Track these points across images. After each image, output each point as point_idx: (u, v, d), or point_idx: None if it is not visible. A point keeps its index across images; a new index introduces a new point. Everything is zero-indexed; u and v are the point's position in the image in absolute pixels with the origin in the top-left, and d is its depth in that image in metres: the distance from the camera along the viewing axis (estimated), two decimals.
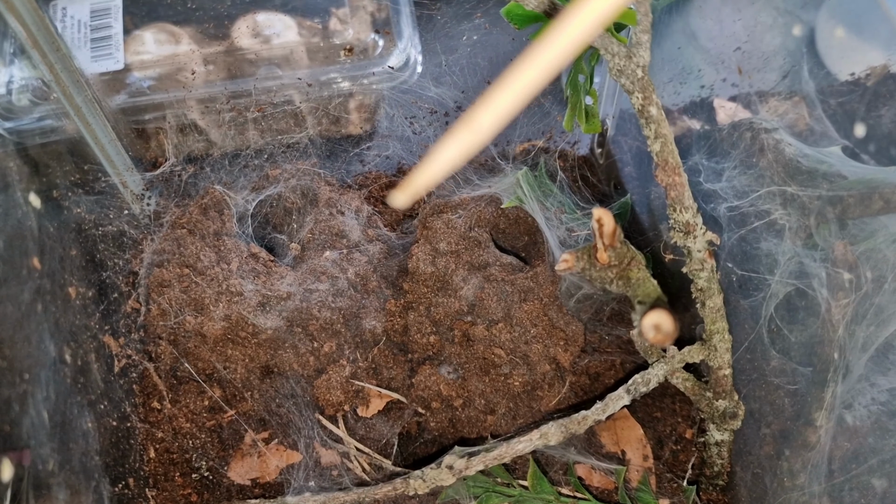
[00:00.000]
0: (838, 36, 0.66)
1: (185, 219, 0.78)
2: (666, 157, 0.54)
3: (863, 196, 0.55)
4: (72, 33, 0.83)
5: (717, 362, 0.61)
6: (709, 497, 0.72)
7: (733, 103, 0.73)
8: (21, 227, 0.61)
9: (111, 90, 0.82)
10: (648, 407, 0.76)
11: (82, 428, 0.63)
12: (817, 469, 0.58)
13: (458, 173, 0.81)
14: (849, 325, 0.55)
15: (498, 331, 0.72)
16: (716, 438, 0.68)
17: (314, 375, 0.73)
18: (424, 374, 0.72)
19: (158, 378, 0.73)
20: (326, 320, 0.73)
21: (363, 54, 0.84)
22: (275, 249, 0.82)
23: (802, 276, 0.59)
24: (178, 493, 0.71)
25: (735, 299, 0.66)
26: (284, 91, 0.83)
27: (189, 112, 0.83)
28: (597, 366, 0.75)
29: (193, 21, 0.86)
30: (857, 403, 0.57)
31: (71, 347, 0.64)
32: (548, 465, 0.71)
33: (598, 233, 0.54)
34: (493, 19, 0.84)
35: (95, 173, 0.77)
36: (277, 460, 0.72)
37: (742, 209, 0.64)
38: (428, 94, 0.83)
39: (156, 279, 0.74)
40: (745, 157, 0.66)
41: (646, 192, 0.83)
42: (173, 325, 0.72)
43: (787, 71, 0.68)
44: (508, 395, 0.72)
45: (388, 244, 0.80)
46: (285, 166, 0.83)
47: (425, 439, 0.75)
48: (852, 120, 0.62)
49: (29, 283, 0.59)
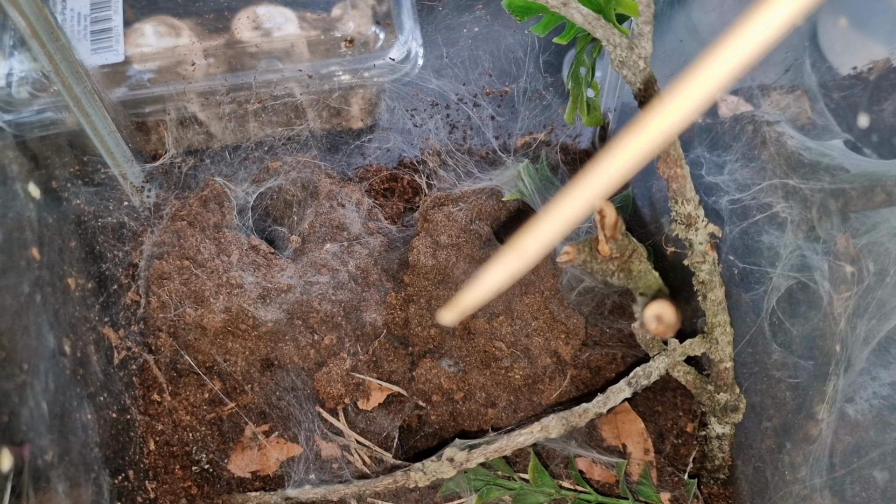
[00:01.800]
0: (840, 29, 0.66)
1: (185, 211, 0.78)
2: (668, 149, 0.54)
3: (865, 189, 0.55)
4: (72, 25, 0.83)
5: (718, 355, 0.61)
6: (710, 491, 0.72)
7: (735, 97, 0.73)
8: (20, 219, 0.61)
9: (111, 82, 0.82)
10: (649, 401, 0.76)
11: (82, 420, 0.62)
12: (819, 462, 0.58)
13: (460, 166, 0.81)
14: (851, 319, 0.55)
15: (499, 324, 0.71)
16: (717, 432, 0.68)
17: (315, 368, 0.73)
18: (425, 367, 0.72)
19: (158, 370, 0.73)
20: (327, 313, 0.73)
21: (364, 47, 0.84)
22: (275, 242, 0.82)
23: (804, 269, 0.59)
24: (178, 486, 0.71)
25: (737, 292, 0.65)
26: (285, 84, 0.83)
27: (189, 104, 0.83)
28: (598, 359, 0.75)
29: (194, 13, 0.86)
30: (858, 397, 0.57)
31: (70, 339, 0.64)
32: (549, 459, 0.71)
33: (600, 224, 0.53)
34: (494, 11, 0.84)
35: (95, 165, 0.77)
36: (278, 453, 0.72)
37: (744, 202, 0.64)
38: (429, 86, 0.83)
39: (156, 271, 0.74)
40: (746, 149, 0.66)
41: (647, 186, 0.83)
42: (173, 318, 0.72)
43: (789, 65, 0.68)
44: (509, 389, 0.72)
45: (389, 237, 0.80)
46: (286, 158, 0.82)
47: (426, 432, 0.75)
48: (855, 113, 0.62)
49: (28, 274, 0.59)
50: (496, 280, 0.25)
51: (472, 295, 0.26)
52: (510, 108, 0.86)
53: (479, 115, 0.84)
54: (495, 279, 0.25)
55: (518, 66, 0.83)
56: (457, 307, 0.26)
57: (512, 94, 0.84)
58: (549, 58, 0.85)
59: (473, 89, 0.83)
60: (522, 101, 0.85)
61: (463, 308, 0.26)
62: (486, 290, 0.26)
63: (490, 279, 0.25)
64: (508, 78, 0.84)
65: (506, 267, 0.25)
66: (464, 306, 0.26)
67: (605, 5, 0.59)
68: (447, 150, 0.84)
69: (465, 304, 0.26)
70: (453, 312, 0.27)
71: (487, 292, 0.26)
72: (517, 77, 0.83)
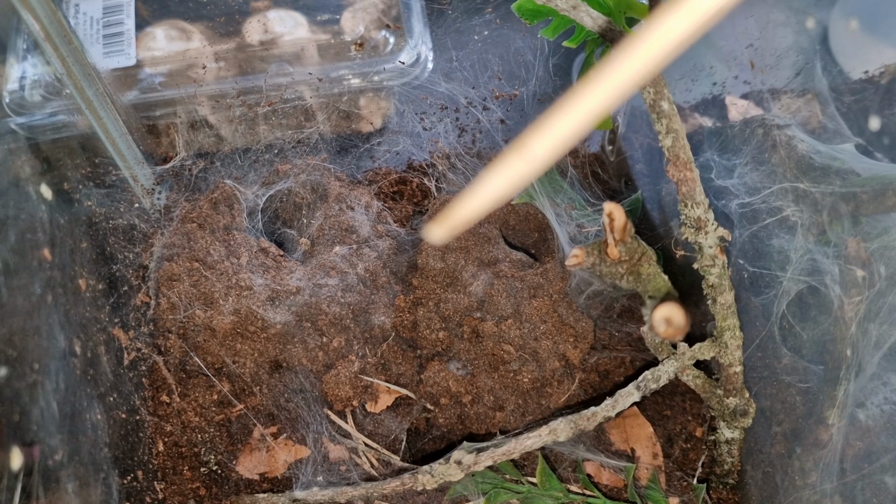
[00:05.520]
0: (852, 33, 0.66)
1: (195, 213, 0.78)
2: (677, 153, 0.54)
3: (876, 193, 0.55)
4: (84, 29, 0.83)
5: (727, 359, 0.61)
6: (719, 496, 0.71)
7: (745, 100, 0.73)
8: (32, 220, 0.61)
9: (123, 86, 0.82)
10: (658, 405, 0.76)
11: (92, 420, 0.63)
12: (829, 468, 0.58)
13: (469, 169, 0.81)
14: (862, 323, 0.55)
15: (507, 327, 0.71)
16: (726, 436, 0.67)
17: (323, 370, 0.73)
18: (433, 369, 0.72)
19: (168, 371, 0.73)
20: (336, 315, 0.73)
21: (374, 50, 0.84)
22: (284, 244, 0.82)
23: (815, 273, 0.59)
24: (186, 487, 0.71)
25: (746, 296, 0.65)
26: (295, 87, 0.83)
27: (200, 107, 0.83)
28: (606, 363, 0.74)
29: (205, 17, 0.87)
30: (869, 402, 0.57)
31: (81, 339, 0.64)
32: (557, 462, 0.71)
33: (609, 227, 0.53)
34: (503, 14, 0.84)
35: (106, 167, 0.77)
36: (286, 455, 0.72)
37: (754, 205, 0.64)
38: (438, 89, 0.83)
39: (165, 273, 0.74)
40: (757, 153, 0.65)
41: (657, 189, 0.83)
42: (183, 319, 0.72)
43: (799, 68, 0.68)
44: (517, 392, 0.72)
45: (398, 240, 0.80)
46: (295, 161, 0.83)
47: (434, 435, 0.75)
48: (866, 117, 0.62)
49: (40, 275, 0.60)
50: (498, 187, 0.21)
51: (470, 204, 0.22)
52: (520, 112, 0.86)
53: (488, 118, 0.84)
54: (498, 185, 0.21)
55: (527, 70, 0.83)
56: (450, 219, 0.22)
57: (521, 97, 0.84)
58: (558, 61, 0.85)
59: (483, 93, 0.83)
60: (532, 105, 0.85)
61: (458, 220, 0.22)
62: (486, 198, 0.22)
63: (491, 185, 0.22)
64: (518, 81, 0.84)
65: (510, 170, 0.21)
66: (459, 218, 0.22)
67: (614, 9, 0.59)
68: (456, 153, 0.84)
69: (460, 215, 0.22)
70: (445, 227, 0.23)
71: (488, 202, 0.22)
72: (527, 80, 0.83)
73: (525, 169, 0.21)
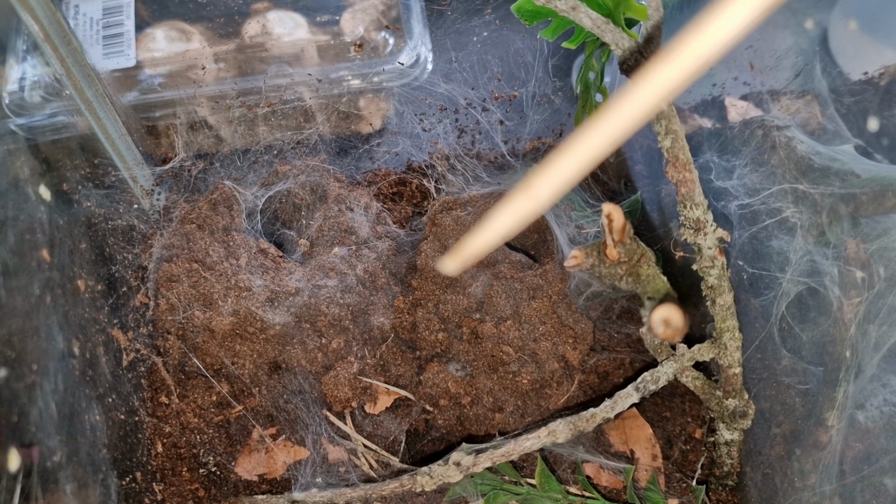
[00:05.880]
0: (851, 34, 0.66)
1: (194, 214, 0.78)
2: (677, 153, 0.54)
3: (876, 194, 0.55)
4: (84, 30, 0.83)
5: (727, 361, 0.61)
6: (718, 497, 0.71)
7: (745, 101, 0.73)
8: (32, 221, 0.61)
9: (123, 87, 0.82)
10: (657, 406, 0.76)
11: (90, 421, 0.63)
12: (828, 469, 0.58)
13: (468, 170, 0.81)
14: (861, 324, 0.54)
15: (506, 328, 0.71)
16: (726, 438, 0.67)
17: (322, 372, 0.73)
18: (432, 371, 0.72)
19: (166, 372, 0.73)
20: (335, 316, 0.73)
21: (373, 51, 0.84)
22: (283, 245, 0.82)
23: (814, 275, 0.59)
24: (185, 488, 0.71)
25: (746, 297, 0.65)
26: (294, 88, 0.83)
27: (199, 108, 0.83)
28: (606, 364, 0.74)
29: (204, 18, 0.87)
30: (869, 404, 0.56)
31: (79, 340, 0.64)
32: (556, 464, 0.71)
33: (608, 228, 0.53)
34: (503, 15, 0.84)
35: (106, 168, 0.77)
36: (285, 456, 0.72)
37: (753, 207, 0.64)
38: (438, 90, 0.83)
39: (164, 274, 0.74)
40: (756, 154, 0.65)
41: (656, 190, 0.83)
42: (182, 320, 0.72)
43: (799, 69, 0.68)
44: (517, 393, 0.72)
45: (397, 241, 0.80)
46: (295, 162, 0.83)
47: (433, 437, 0.75)
48: (865, 118, 0.62)
49: (39, 276, 0.60)
50: (506, 223, 0.23)
51: (480, 241, 0.24)
52: (519, 113, 0.86)
53: (487, 119, 0.84)
54: (505, 222, 0.23)
55: (527, 71, 0.83)
56: (462, 254, 0.24)
57: (521, 98, 0.84)
58: (558, 62, 0.85)
59: (482, 94, 0.83)
60: (531, 106, 0.85)
61: (469, 254, 0.24)
62: (495, 235, 0.23)
63: (500, 221, 0.23)
64: (517, 82, 0.84)
65: (517, 209, 0.23)
66: (469, 253, 0.24)
67: (614, 9, 0.59)
68: (456, 154, 0.84)
69: (470, 250, 0.24)
70: (457, 260, 0.24)
71: (497, 237, 0.23)
72: (526, 81, 0.83)
73: (531, 207, 0.23)
